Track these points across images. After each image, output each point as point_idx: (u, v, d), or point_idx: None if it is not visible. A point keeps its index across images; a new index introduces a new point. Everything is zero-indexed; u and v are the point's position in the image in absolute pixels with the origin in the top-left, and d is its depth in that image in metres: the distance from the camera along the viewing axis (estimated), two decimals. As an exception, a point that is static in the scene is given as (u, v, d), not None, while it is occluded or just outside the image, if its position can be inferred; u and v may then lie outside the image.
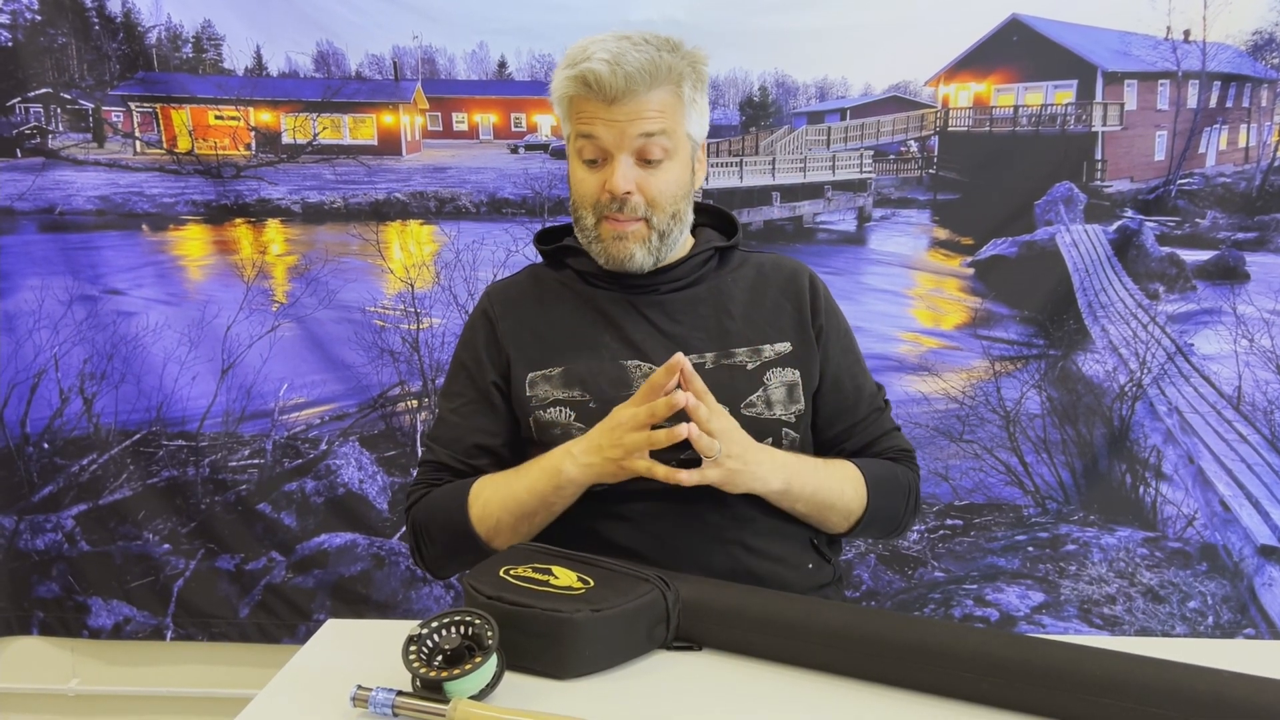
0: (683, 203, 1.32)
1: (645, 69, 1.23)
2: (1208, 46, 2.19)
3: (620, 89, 1.22)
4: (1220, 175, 2.25)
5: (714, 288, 1.37)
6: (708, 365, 1.31)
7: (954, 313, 2.33)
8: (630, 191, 1.26)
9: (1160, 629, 2.27)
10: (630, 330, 1.33)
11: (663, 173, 1.28)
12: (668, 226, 1.30)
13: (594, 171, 1.29)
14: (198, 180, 2.38)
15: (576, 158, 1.31)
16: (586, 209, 1.31)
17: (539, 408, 1.32)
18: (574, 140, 1.30)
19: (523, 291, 1.42)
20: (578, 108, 1.27)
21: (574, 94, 1.26)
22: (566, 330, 1.35)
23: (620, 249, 1.30)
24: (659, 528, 1.27)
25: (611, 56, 1.22)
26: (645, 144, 1.26)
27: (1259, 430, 2.25)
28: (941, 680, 0.97)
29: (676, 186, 1.30)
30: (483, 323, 1.41)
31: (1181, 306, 2.27)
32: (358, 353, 2.39)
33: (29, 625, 2.50)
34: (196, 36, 2.34)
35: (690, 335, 1.33)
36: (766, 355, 1.34)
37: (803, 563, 1.34)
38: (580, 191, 1.31)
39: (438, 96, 2.37)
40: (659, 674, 1.04)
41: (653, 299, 1.35)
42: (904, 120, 2.31)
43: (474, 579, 1.08)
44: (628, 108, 1.24)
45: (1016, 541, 2.31)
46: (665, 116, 1.26)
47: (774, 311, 1.37)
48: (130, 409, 2.42)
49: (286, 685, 1.05)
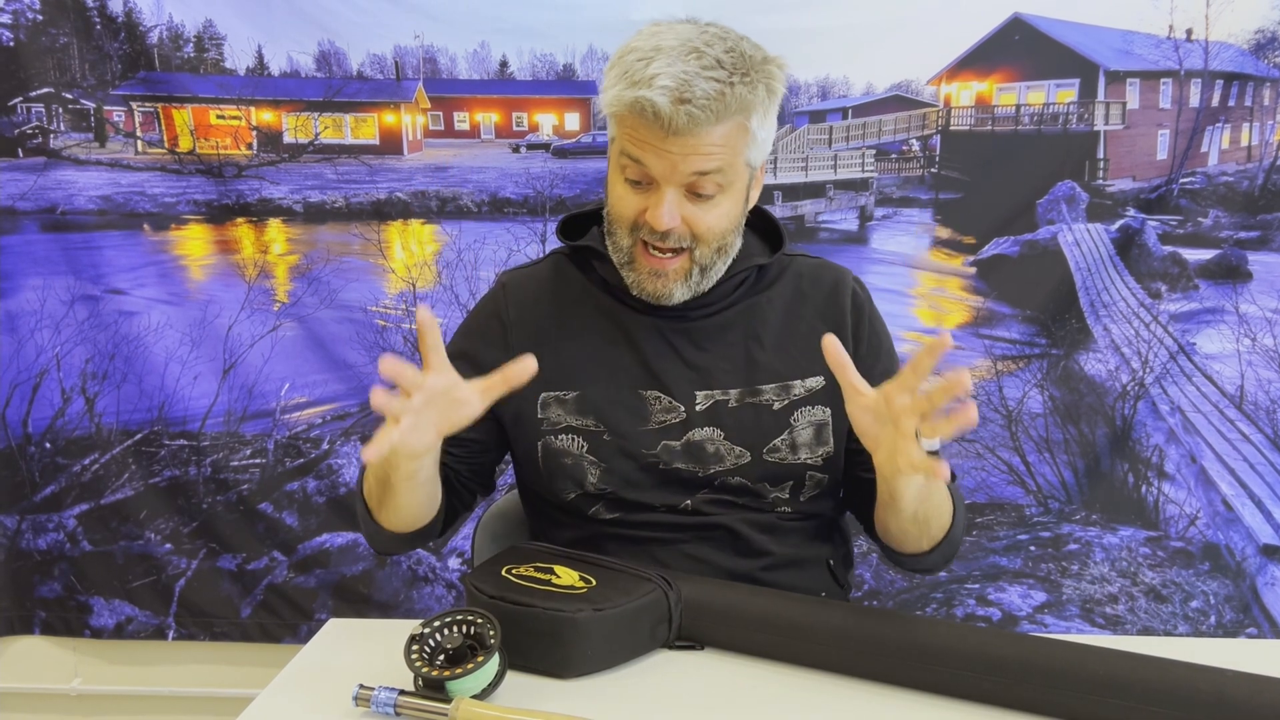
0: (731, 235, 1.21)
1: (712, 105, 1.09)
2: (1210, 45, 2.18)
3: (681, 125, 1.09)
4: (1223, 174, 2.25)
5: (747, 311, 1.27)
6: (731, 404, 1.24)
7: (956, 312, 2.32)
8: (673, 228, 1.15)
9: (1163, 628, 2.27)
10: (652, 357, 1.24)
11: (713, 208, 1.16)
12: (711, 260, 1.20)
13: (636, 193, 1.17)
14: (199, 180, 2.38)
15: (619, 171, 1.18)
16: (623, 228, 1.19)
17: (550, 432, 1.25)
18: (619, 154, 1.17)
19: (541, 290, 1.31)
20: (629, 125, 1.14)
21: (627, 114, 1.13)
22: (585, 349, 1.26)
23: (658, 286, 1.19)
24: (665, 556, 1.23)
25: (676, 84, 1.08)
26: (698, 181, 1.14)
27: (1261, 430, 2.25)
28: (944, 680, 0.97)
29: (727, 221, 1.19)
30: (494, 325, 1.31)
31: (1184, 306, 2.26)
32: (359, 352, 2.38)
33: (31, 625, 2.50)
34: (198, 36, 2.33)
35: (716, 367, 1.25)
36: (796, 393, 1.25)
37: (817, 590, 1.30)
38: (618, 209, 1.19)
39: (439, 96, 2.37)
40: (661, 673, 1.04)
41: (679, 324, 1.26)
42: (906, 119, 2.30)
43: (476, 578, 1.08)
44: (685, 142, 1.11)
45: (1019, 541, 2.31)
46: (725, 152, 1.13)
47: (808, 338, 1.24)
48: (132, 409, 2.42)
49: (288, 685, 1.05)
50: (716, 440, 1.23)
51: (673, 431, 1.24)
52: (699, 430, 1.23)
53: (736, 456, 1.24)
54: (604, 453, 1.23)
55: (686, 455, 1.23)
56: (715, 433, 1.24)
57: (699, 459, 1.23)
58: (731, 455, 1.24)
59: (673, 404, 1.24)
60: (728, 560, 1.24)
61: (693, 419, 1.24)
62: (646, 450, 1.23)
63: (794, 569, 1.28)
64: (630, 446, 1.23)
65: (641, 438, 1.23)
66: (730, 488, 1.24)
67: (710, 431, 1.23)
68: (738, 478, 1.24)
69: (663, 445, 1.23)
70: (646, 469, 1.24)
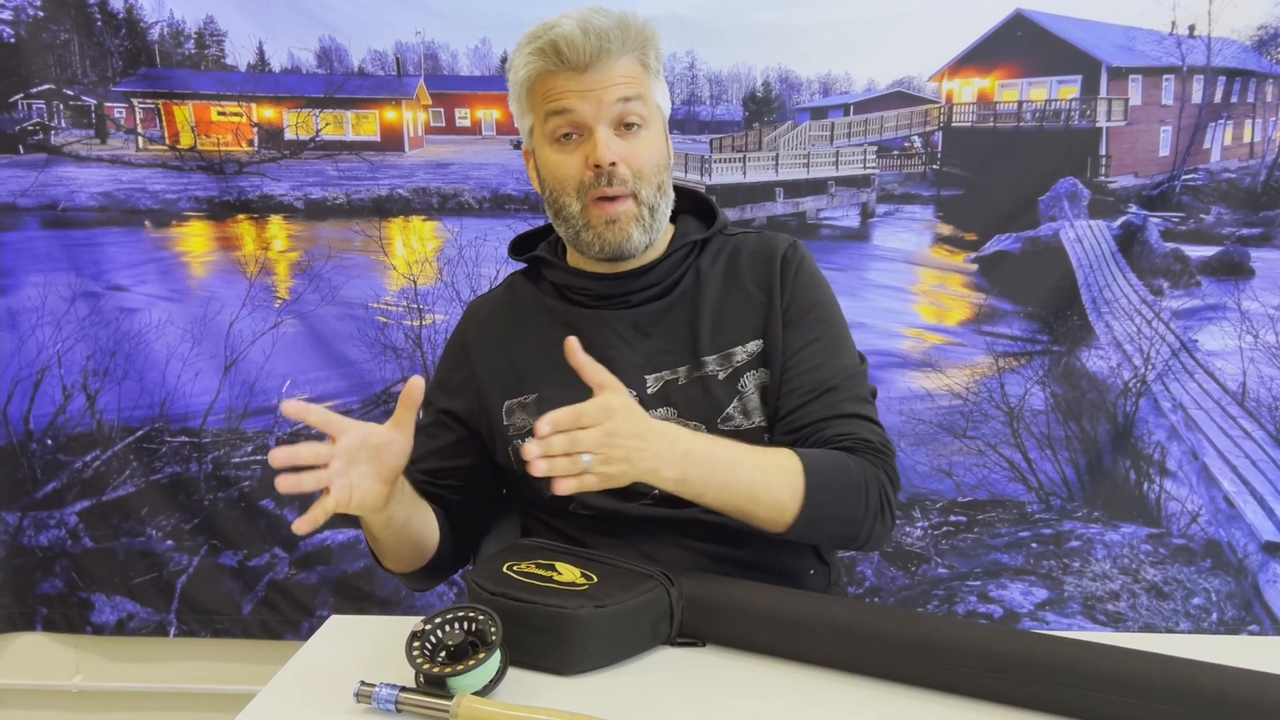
0: (665, 174, 1.26)
1: (613, 33, 1.18)
2: (1213, 41, 2.18)
3: (594, 51, 1.17)
4: (1225, 171, 2.25)
5: (687, 290, 1.30)
6: (680, 381, 1.26)
7: (957, 309, 2.32)
8: (615, 162, 1.20)
9: (1164, 626, 2.27)
10: (600, 348, 1.24)
11: (643, 141, 1.22)
12: (655, 200, 1.24)
13: (570, 151, 1.22)
14: (200, 176, 2.38)
15: (547, 142, 1.24)
16: (570, 194, 1.23)
17: (517, 437, 1.29)
18: (543, 123, 1.23)
19: (497, 311, 1.37)
20: (545, 85, 1.21)
21: (542, 69, 1.20)
22: (541, 354, 1.29)
23: (615, 233, 1.22)
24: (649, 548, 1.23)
25: (578, 22, 1.18)
26: (623, 109, 1.20)
27: (1263, 426, 2.25)
28: (945, 676, 0.97)
29: (659, 155, 1.24)
30: (458, 349, 1.38)
31: (1186, 302, 2.26)
32: (360, 349, 2.38)
33: (33, 621, 2.50)
34: (199, 32, 2.33)
35: (662, 349, 1.27)
36: (738, 360, 1.27)
37: (803, 570, 1.31)
38: (559, 176, 1.24)
39: (440, 92, 2.36)
40: (663, 670, 1.04)
41: (625, 313, 1.29)
42: (908, 116, 2.30)
43: (477, 575, 1.08)
44: (600, 75, 1.19)
45: (1020, 538, 2.31)
46: (637, 83, 1.21)
47: (744, 305, 1.28)
48: (133, 405, 2.42)
49: (289, 681, 1.05)
50: (671, 418, 1.24)
51: None
52: (653, 411, 1.24)
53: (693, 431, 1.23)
54: None
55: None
56: (669, 412, 1.25)
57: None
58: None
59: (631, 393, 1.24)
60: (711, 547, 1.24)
61: (646, 402, 1.25)
62: None
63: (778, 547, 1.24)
64: None
65: None
66: None
67: (664, 411, 1.25)
68: None
69: None
70: None
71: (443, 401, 1.36)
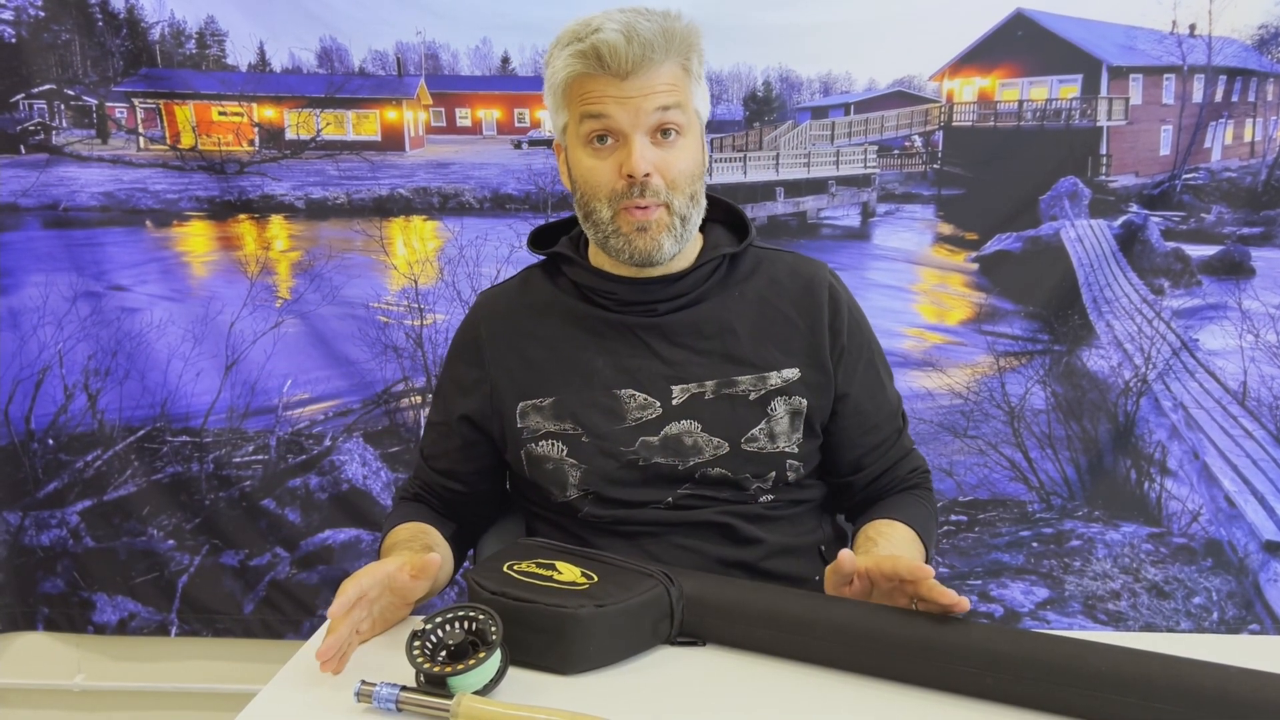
0: (698, 183, 1.23)
1: (657, 41, 1.14)
2: (1213, 41, 2.18)
3: (637, 60, 1.13)
4: (1226, 170, 2.24)
5: (719, 303, 1.28)
6: (707, 395, 1.25)
7: (958, 308, 2.32)
8: (650, 174, 1.17)
9: (1165, 625, 2.27)
10: (625, 356, 1.25)
11: (680, 150, 1.19)
12: (687, 210, 1.21)
13: (604, 157, 1.19)
14: (201, 176, 2.38)
15: (581, 145, 1.20)
16: (601, 200, 1.20)
17: (531, 440, 1.27)
18: (578, 124, 1.19)
19: (513, 304, 1.34)
20: (583, 89, 1.17)
21: (580, 72, 1.16)
22: (558, 355, 1.28)
23: (646, 241, 1.19)
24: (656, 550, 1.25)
25: (622, 27, 1.13)
26: (661, 118, 1.17)
27: (1264, 426, 2.25)
28: (946, 675, 0.97)
29: (693, 164, 1.21)
30: (470, 345, 1.34)
31: (1186, 302, 2.26)
32: (361, 349, 2.39)
33: (34, 621, 2.50)
34: (199, 33, 2.33)
35: (691, 361, 1.25)
36: (772, 383, 1.26)
37: (812, 575, 1.32)
38: (591, 181, 1.20)
39: (441, 92, 2.37)
40: (663, 669, 1.04)
41: (651, 320, 1.27)
42: (908, 115, 2.30)
43: (478, 574, 1.08)
44: (640, 82, 1.15)
45: (1021, 537, 2.31)
46: (678, 90, 1.18)
47: (784, 330, 1.28)
48: (134, 405, 2.42)
49: (291, 681, 1.05)
50: (694, 432, 1.24)
51: (650, 427, 1.25)
52: (676, 423, 1.24)
53: (715, 448, 1.24)
54: (584, 454, 1.25)
55: (665, 449, 1.24)
56: (692, 425, 1.24)
57: (678, 452, 1.24)
58: (710, 446, 1.24)
59: (648, 400, 1.25)
60: (721, 551, 1.26)
61: (669, 413, 1.25)
62: (625, 448, 1.24)
63: (787, 556, 1.29)
64: (609, 446, 1.24)
65: (619, 436, 1.24)
66: (711, 480, 1.25)
67: (687, 424, 1.24)
68: (718, 469, 1.25)
69: (641, 441, 1.24)
70: (627, 466, 1.25)
71: (455, 401, 1.34)
